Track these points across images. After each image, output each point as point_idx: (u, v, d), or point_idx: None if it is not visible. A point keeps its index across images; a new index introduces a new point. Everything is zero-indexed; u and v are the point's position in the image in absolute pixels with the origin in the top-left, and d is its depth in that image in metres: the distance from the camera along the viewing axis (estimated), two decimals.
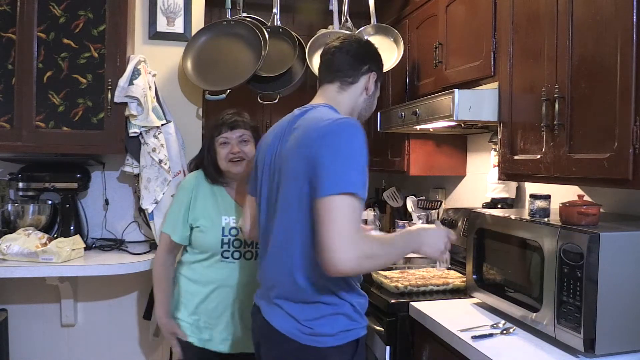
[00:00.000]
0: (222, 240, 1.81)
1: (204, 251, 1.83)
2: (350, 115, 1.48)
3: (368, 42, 1.55)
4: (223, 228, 1.82)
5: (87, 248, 2.41)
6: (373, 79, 1.51)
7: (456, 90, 1.92)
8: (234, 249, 1.81)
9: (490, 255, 1.73)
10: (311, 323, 1.32)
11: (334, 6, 2.77)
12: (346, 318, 1.35)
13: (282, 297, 1.37)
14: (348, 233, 1.18)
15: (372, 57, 1.52)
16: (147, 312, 2.47)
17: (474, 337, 1.46)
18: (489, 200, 2.34)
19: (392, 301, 1.85)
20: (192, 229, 1.86)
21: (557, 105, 1.53)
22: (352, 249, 1.18)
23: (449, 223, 2.53)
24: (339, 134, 1.26)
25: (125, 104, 2.32)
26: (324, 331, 1.32)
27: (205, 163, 1.88)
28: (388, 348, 1.83)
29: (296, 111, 1.47)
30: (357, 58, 1.48)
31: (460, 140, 2.81)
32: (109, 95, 2.30)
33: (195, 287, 1.84)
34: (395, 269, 2.23)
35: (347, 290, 1.37)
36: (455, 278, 2.07)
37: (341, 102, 1.47)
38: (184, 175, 2.40)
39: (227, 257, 1.81)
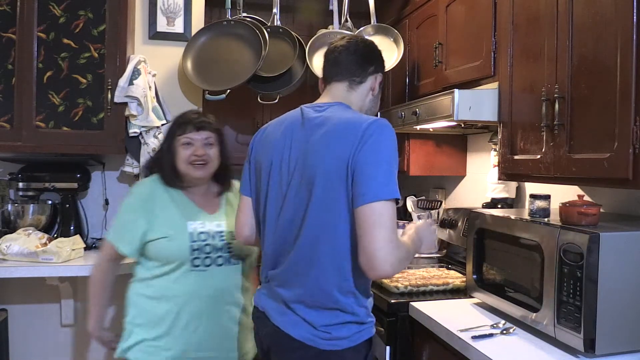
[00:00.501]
0: (192, 246, 1.65)
1: (170, 262, 1.65)
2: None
3: (372, 43, 1.54)
4: (191, 234, 1.66)
5: (87, 248, 2.42)
6: (379, 80, 1.51)
7: (456, 90, 1.92)
8: (205, 255, 1.67)
9: (490, 255, 1.72)
10: (328, 328, 1.32)
11: (334, 6, 2.76)
12: (360, 322, 1.36)
13: (297, 302, 1.35)
14: (393, 238, 1.23)
15: (377, 58, 1.52)
16: None
17: (474, 337, 1.46)
18: (489, 200, 2.34)
19: (392, 301, 1.85)
20: (149, 242, 1.67)
21: (557, 105, 1.53)
22: (395, 254, 1.23)
23: (449, 223, 2.53)
24: (379, 138, 1.28)
25: (125, 104, 2.32)
26: (341, 335, 1.33)
27: (163, 164, 1.72)
28: (388, 348, 1.83)
29: (307, 109, 1.44)
30: (364, 58, 1.48)
31: (460, 140, 2.81)
32: (109, 95, 2.30)
33: (160, 306, 1.65)
34: None
35: (364, 294, 1.38)
36: (455, 278, 2.07)
37: (352, 102, 1.47)
38: None
39: (198, 266, 1.66)
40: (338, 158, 1.29)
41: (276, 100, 2.77)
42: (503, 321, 1.58)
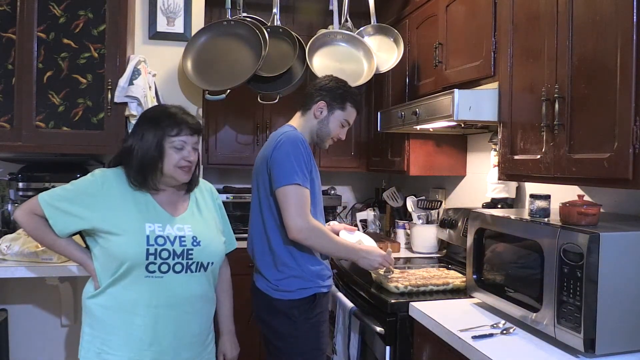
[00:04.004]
0: (148, 250, 1.52)
1: (122, 263, 1.52)
2: (310, 134, 1.96)
3: (333, 79, 1.99)
4: (148, 236, 1.53)
5: (87, 248, 2.41)
6: (322, 107, 1.94)
7: (456, 90, 1.92)
8: (162, 260, 1.54)
9: (490, 255, 1.73)
10: (277, 282, 1.84)
11: (334, 6, 2.77)
12: (302, 280, 1.83)
13: (261, 265, 1.89)
14: (299, 211, 1.73)
15: (325, 90, 1.95)
16: None
17: (474, 337, 1.46)
18: (489, 200, 2.34)
19: (392, 301, 1.85)
20: (101, 234, 1.56)
21: (557, 105, 1.53)
22: (301, 220, 1.73)
23: (449, 223, 2.53)
24: (282, 145, 1.79)
25: (125, 104, 2.32)
26: (286, 288, 1.82)
27: (143, 162, 1.56)
28: (388, 348, 1.83)
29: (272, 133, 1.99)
30: (315, 91, 1.96)
31: (460, 140, 2.81)
32: (109, 95, 2.30)
33: (115, 316, 1.54)
34: (396, 269, 2.23)
35: (305, 259, 1.84)
36: (455, 278, 2.07)
37: (301, 124, 1.97)
38: None
39: (154, 272, 1.53)
40: (264, 159, 1.84)
41: (276, 100, 2.77)
42: (503, 321, 1.59)
